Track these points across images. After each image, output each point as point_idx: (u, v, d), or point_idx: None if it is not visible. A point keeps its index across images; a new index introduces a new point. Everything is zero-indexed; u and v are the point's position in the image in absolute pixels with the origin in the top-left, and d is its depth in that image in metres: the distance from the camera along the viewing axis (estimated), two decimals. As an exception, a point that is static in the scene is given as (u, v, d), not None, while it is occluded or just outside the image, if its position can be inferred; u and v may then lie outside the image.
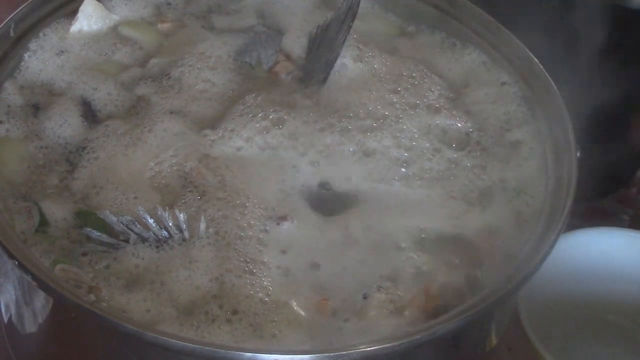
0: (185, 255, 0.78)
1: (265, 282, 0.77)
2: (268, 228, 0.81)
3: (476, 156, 0.89)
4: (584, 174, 0.84)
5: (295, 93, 0.93)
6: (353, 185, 0.86)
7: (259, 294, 0.76)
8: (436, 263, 0.81)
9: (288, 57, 0.98)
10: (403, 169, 0.87)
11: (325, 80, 0.94)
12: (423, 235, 0.83)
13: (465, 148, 0.90)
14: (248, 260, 0.79)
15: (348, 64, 0.95)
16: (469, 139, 0.91)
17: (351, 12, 0.95)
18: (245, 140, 0.88)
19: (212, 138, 0.87)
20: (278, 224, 0.82)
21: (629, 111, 1.11)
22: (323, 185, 0.86)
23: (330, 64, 0.94)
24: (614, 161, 1.10)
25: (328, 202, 0.85)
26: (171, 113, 0.90)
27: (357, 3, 0.95)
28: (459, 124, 0.91)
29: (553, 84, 0.90)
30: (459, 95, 0.95)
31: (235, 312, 0.75)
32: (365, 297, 0.77)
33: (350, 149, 0.88)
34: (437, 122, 0.91)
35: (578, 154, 0.85)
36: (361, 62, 0.95)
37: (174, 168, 0.85)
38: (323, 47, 0.96)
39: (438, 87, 0.95)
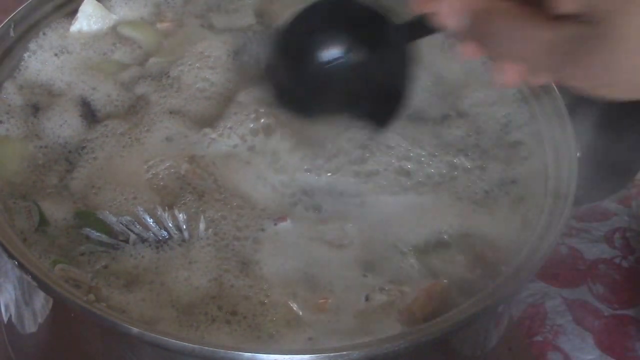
0: (184, 256, 0.78)
1: (264, 283, 0.77)
2: (267, 228, 0.81)
3: (476, 158, 0.89)
4: (584, 175, 0.84)
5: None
6: (353, 188, 0.86)
7: (258, 295, 0.76)
8: (439, 264, 0.81)
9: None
10: (404, 175, 0.87)
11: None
12: (424, 236, 0.83)
13: (465, 151, 0.90)
14: (247, 261, 0.79)
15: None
16: (468, 141, 0.91)
17: None
18: (243, 140, 0.87)
19: (212, 136, 0.87)
20: (276, 224, 0.82)
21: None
22: (322, 186, 0.86)
23: None
24: (615, 162, 1.10)
25: (328, 203, 0.85)
26: (170, 113, 0.90)
27: None
28: (458, 127, 0.91)
29: (553, 84, 0.90)
30: (458, 97, 0.95)
31: (234, 313, 0.75)
32: (367, 299, 0.77)
33: (350, 156, 0.88)
34: (438, 125, 0.91)
35: (578, 154, 0.85)
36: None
37: (172, 170, 0.85)
38: None
39: (438, 89, 0.95)
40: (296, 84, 0.87)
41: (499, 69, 0.68)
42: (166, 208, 0.80)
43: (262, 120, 0.89)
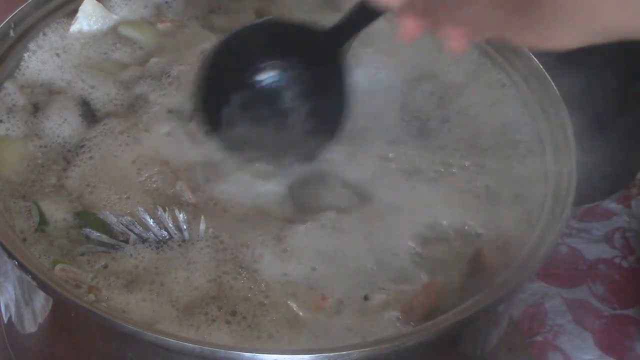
0: (184, 257, 0.78)
1: (264, 283, 0.77)
2: (266, 230, 0.81)
3: (475, 158, 0.89)
4: (584, 175, 0.84)
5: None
6: (352, 185, 0.86)
7: (258, 295, 0.76)
8: (438, 263, 0.81)
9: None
10: (403, 172, 0.87)
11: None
12: (424, 236, 0.83)
13: (464, 151, 0.90)
14: (247, 261, 0.79)
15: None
16: (468, 141, 0.91)
17: None
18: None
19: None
20: (276, 224, 0.82)
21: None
22: (322, 185, 0.86)
23: None
24: (614, 162, 1.10)
25: (327, 203, 0.85)
26: (169, 112, 0.90)
27: None
28: (458, 127, 0.91)
29: (553, 84, 0.90)
30: (458, 97, 0.95)
31: (234, 314, 0.75)
32: (366, 298, 0.77)
33: (349, 152, 0.88)
34: (438, 126, 0.91)
35: (578, 154, 0.85)
36: (359, 66, 0.95)
37: (168, 173, 0.85)
38: None
39: (437, 90, 0.95)
40: (231, 109, 0.85)
41: (445, 35, 0.69)
42: (166, 208, 0.80)
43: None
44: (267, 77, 0.86)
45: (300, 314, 0.76)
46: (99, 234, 0.79)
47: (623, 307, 1.06)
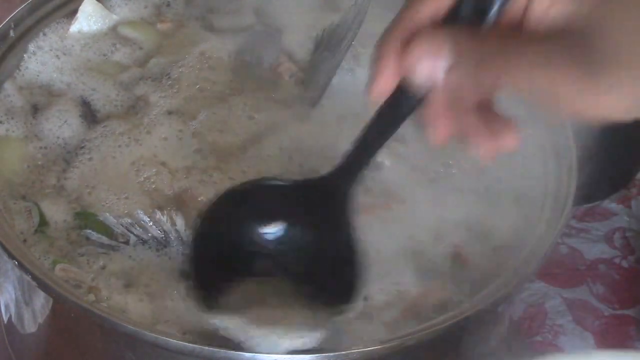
0: (183, 257, 0.78)
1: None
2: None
3: (475, 158, 0.89)
4: (584, 175, 0.84)
5: (295, 99, 0.93)
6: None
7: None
8: (437, 263, 0.81)
9: (290, 57, 0.97)
10: (403, 172, 0.87)
11: (326, 86, 0.93)
12: (424, 237, 0.83)
13: (462, 150, 0.90)
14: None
15: (345, 68, 0.95)
16: (466, 142, 0.91)
17: (358, 19, 0.94)
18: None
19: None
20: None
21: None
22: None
23: (332, 70, 0.94)
24: (614, 162, 1.10)
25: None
26: (170, 113, 0.90)
27: (365, 11, 0.94)
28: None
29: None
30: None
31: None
32: (365, 299, 0.77)
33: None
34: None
35: (578, 155, 0.85)
36: (359, 66, 0.95)
37: (167, 174, 0.85)
38: (327, 51, 0.95)
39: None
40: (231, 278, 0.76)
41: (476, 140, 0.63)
42: (164, 211, 0.80)
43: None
44: (268, 241, 0.76)
45: (300, 313, 0.76)
46: (99, 235, 0.79)
47: (623, 307, 1.06)
